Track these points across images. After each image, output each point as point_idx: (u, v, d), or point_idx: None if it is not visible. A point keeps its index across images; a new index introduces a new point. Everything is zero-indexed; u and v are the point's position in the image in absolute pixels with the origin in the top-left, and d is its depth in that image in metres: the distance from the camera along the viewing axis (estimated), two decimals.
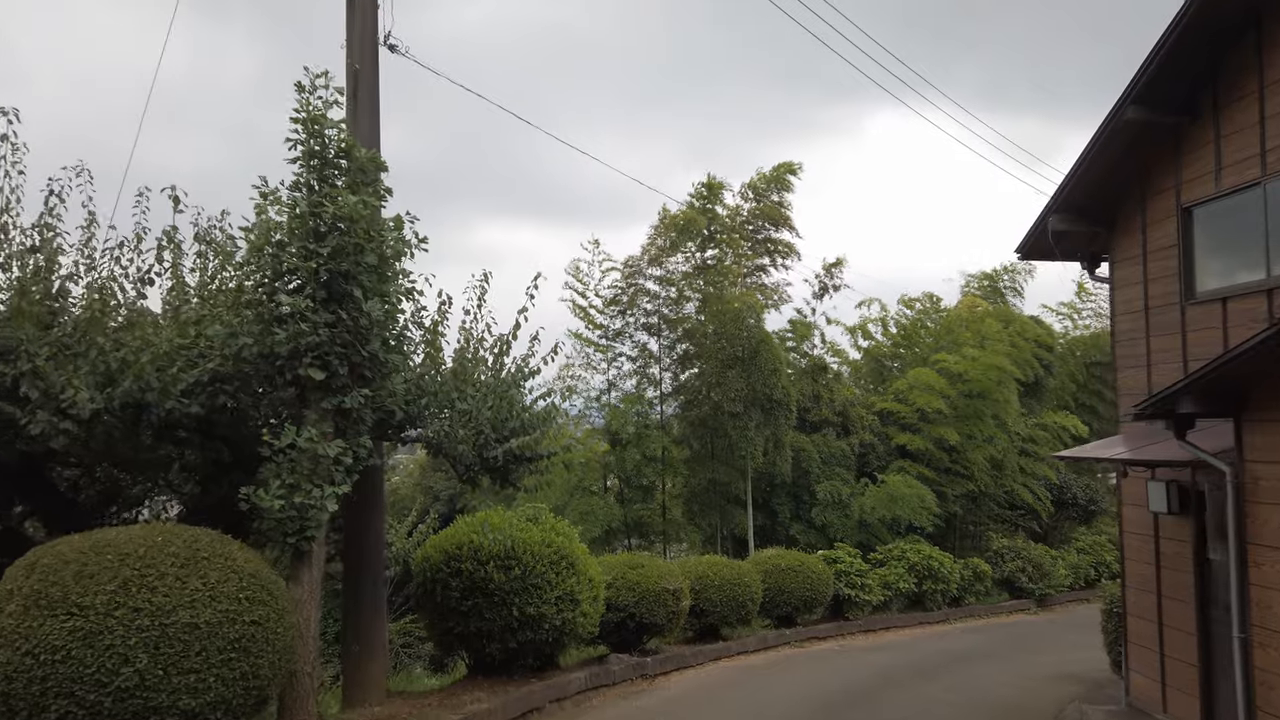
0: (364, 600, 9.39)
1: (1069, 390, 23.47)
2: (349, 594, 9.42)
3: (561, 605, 10.25)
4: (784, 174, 19.51)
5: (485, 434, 8.41)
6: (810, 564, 15.25)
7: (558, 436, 9.44)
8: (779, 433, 17.58)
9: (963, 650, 14.72)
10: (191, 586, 5.81)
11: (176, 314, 7.72)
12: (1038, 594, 19.05)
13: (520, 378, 8.80)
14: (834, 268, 19.47)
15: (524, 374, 8.86)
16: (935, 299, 22.03)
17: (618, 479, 18.61)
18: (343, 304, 6.95)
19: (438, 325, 8.38)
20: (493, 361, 8.75)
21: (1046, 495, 20.81)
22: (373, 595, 9.45)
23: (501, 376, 8.76)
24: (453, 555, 10.22)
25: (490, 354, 8.74)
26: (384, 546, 9.61)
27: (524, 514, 10.94)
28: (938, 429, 19.02)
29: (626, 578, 12.34)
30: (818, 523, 18.53)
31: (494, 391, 8.53)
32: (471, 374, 8.60)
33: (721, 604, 13.64)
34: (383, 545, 9.61)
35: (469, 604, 10.06)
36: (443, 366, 8.47)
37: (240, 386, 7.34)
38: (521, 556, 10.10)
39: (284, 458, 6.90)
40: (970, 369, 19.10)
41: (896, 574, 16.72)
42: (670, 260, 18.28)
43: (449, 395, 8.24)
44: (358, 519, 9.40)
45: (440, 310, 8.41)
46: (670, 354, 18.74)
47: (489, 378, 8.69)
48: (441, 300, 8.41)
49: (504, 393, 8.59)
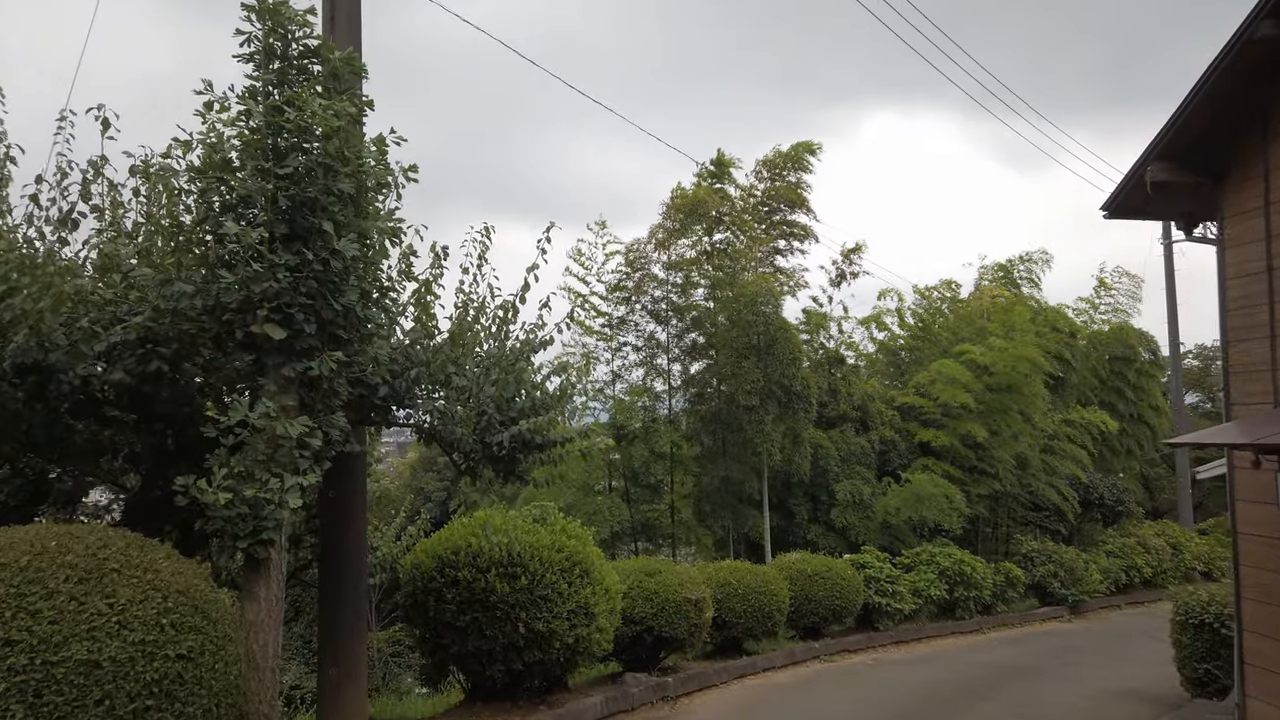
0: (343, 615, 7.72)
1: (1091, 386, 21.96)
2: (326, 607, 7.74)
3: (575, 620, 8.60)
4: (802, 153, 17.90)
5: (489, 415, 6.75)
6: (838, 569, 13.62)
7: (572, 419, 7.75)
8: (798, 427, 15.95)
9: (1007, 664, 13.12)
10: (92, 610, 4.14)
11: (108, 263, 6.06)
12: (1071, 600, 17.48)
13: (529, 349, 7.15)
14: (853, 253, 17.90)
15: (533, 345, 7.21)
16: (954, 286, 20.49)
17: (624, 477, 16.95)
18: (309, 242, 5.30)
19: (430, 284, 6.71)
20: (496, 330, 7.10)
21: (1073, 495, 19.26)
22: (354, 609, 7.77)
23: (507, 347, 7.11)
24: (448, 562, 8.56)
25: (494, 321, 7.08)
26: (367, 552, 7.94)
27: (530, 514, 9.29)
28: (964, 424, 17.44)
29: (643, 586, 10.70)
30: (837, 525, 16.90)
31: (498, 364, 6.88)
32: (471, 344, 6.95)
33: (746, 615, 11.99)
34: (365, 550, 7.94)
35: (467, 619, 8.40)
36: (437, 335, 6.80)
37: (180, 351, 5.67)
38: (528, 563, 8.45)
39: (233, 439, 5.26)
40: (998, 361, 17.54)
41: (927, 580, 15.11)
42: (678, 244, 16.65)
43: (444, 368, 6.58)
44: (336, 520, 7.74)
45: (434, 265, 6.75)
46: (679, 344, 17.10)
47: (492, 348, 7.04)
48: (435, 253, 6.74)
49: (510, 366, 6.94)
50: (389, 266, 6.03)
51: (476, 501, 7.38)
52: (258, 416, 5.23)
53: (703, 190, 16.22)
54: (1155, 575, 19.71)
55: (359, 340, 5.71)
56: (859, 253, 17.90)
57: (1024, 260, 22.10)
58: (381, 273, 5.89)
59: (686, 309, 16.73)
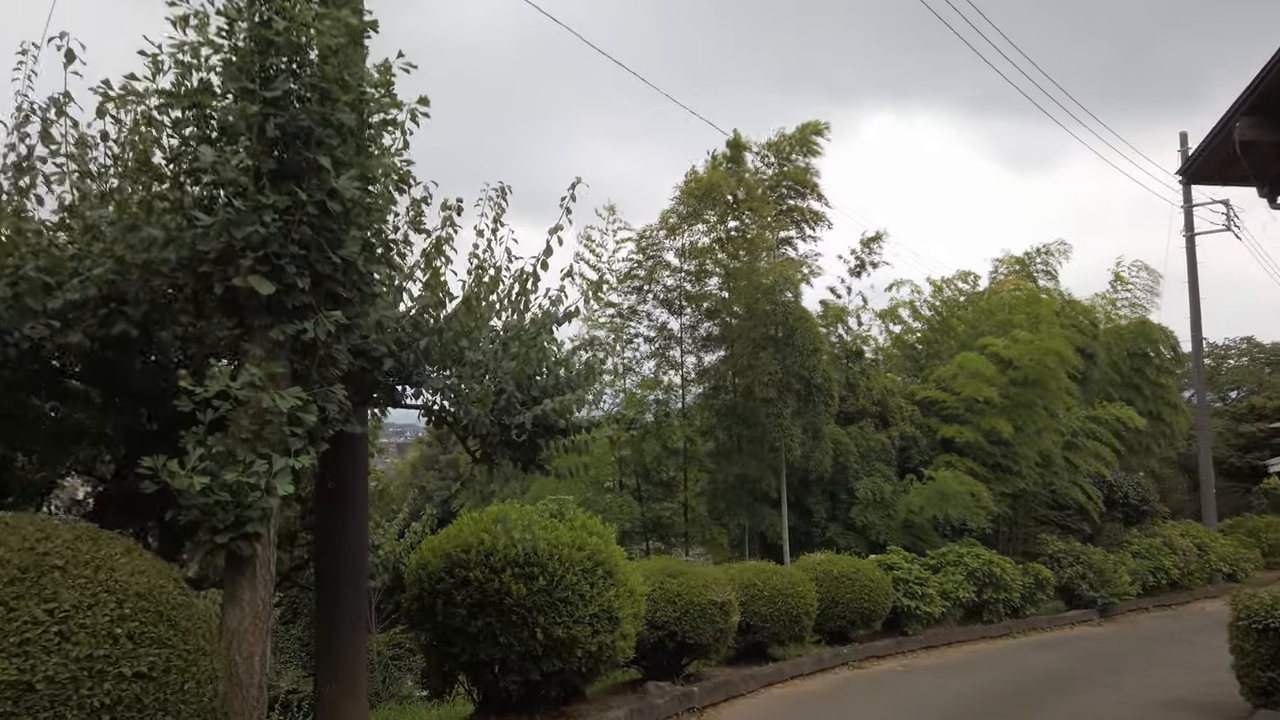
0: (342, 621, 6.82)
1: (1112, 382, 21.11)
2: (324, 613, 6.85)
3: (598, 625, 7.70)
4: (809, 134, 16.91)
5: (508, 393, 5.87)
6: (866, 571, 12.74)
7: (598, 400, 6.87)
8: (818, 422, 15.07)
9: (1045, 671, 12.24)
10: (25, 618, 3.24)
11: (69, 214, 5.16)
12: (1100, 603, 16.60)
13: (552, 321, 6.27)
14: (873, 242, 17.01)
15: (556, 317, 6.33)
16: (973, 278, 19.63)
17: (634, 474, 16.06)
18: (302, 180, 4.42)
19: (442, 244, 5.82)
20: (515, 298, 6.21)
21: (1098, 494, 18.39)
22: (354, 614, 6.88)
23: (528, 319, 6.23)
24: (457, 561, 7.66)
25: (512, 289, 6.19)
26: (369, 550, 7.06)
27: (547, 508, 8.40)
28: (988, 420, 16.57)
29: (665, 588, 9.80)
30: (858, 523, 16.01)
31: (518, 337, 6.00)
32: (487, 314, 6.06)
33: (772, 618, 11.10)
34: (367, 548, 7.05)
35: (479, 624, 7.49)
36: (449, 304, 5.92)
37: (152, 315, 4.79)
38: (547, 563, 7.55)
39: (212, 413, 4.38)
40: (1023, 354, 16.67)
41: (955, 582, 14.23)
42: (692, 230, 15.78)
43: (457, 340, 5.69)
44: (334, 513, 6.84)
45: (445, 225, 5.86)
46: (692, 334, 16.23)
47: (511, 319, 6.16)
48: (447, 210, 5.84)
49: (531, 339, 6.06)
50: (396, 217, 5.13)
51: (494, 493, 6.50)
52: (240, 386, 4.34)
53: (717, 174, 15.33)
54: (1183, 577, 18.85)
55: (360, 301, 4.82)
56: (879, 241, 17.03)
57: (1041, 252, 21.26)
58: (387, 222, 5.00)
59: (701, 298, 15.86)
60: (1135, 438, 20.79)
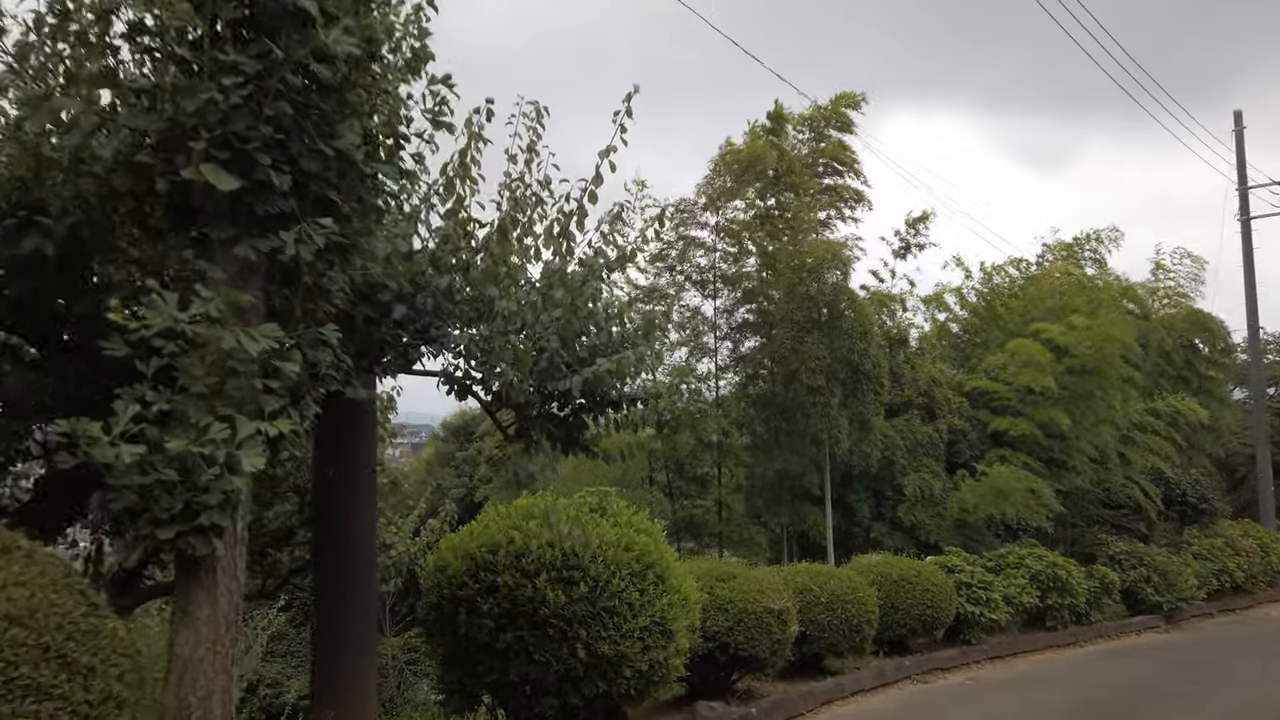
0: (345, 635, 5.50)
1: (1164, 374, 19.61)
2: (324, 625, 5.53)
3: (649, 640, 6.36)
4: (842, 107, 15.43)
5: (550, 352, 4.54)
6: (928, 574, 11.34)
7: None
8: (866, 412, 13.68)
9: (1126, 684, 10.82)
10: None
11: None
12: (1166, 608, 15.14)
13: (604, 267, 4.96)
14: (919, 222, 15.62)
15: (609, 261, 5.01)
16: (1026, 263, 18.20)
17: (665, 469, 14.72)
18: (278, 35, 3.13)
19: (468, 154, 4.48)
20: (559, 236, 4.89)
21: (1156, 492, 16.92)
22: (359, 627, 5.55)
23: (574, 262, 4.91)
24: (483, 563, 6.34)
25: (556, 224, 4.85)
26: (376, 550, 5.75)
27: (585, 502, 7.09)
28: (1043, 411, 15.13)
29: (715, 593, 8.45)
30: (905, 523, 14.60)
31: (563, 283, 4.69)
32: (524, 254, 4.74)
33: (830, 627, 9.73)
34: (375, 548, 5.74)
35: (508, 637, 6.17)
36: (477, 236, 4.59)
37: (80, 230, 3.50)
38: (589, 566, 6.22)
39: (157, 360, 3.09)
40: (1081, 340, 15.23)
41: (1018, 586, 12.81)
42: (730, 206, 14.44)
43: (486, 281, 4.38)
44: (336, 506, 5.54)
45: (471, 136, 4.53)
46: (728, 319, 14.87)
47: (554, 262, 4.84)
48: (474, 116, 4.50)
49: (579, 287, 4.74)
50: (410, 106, 3.79)
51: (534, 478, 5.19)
52: (191, 319, 3.03)
53: (759, 144, 13.96)
54: (1246, 580, 17.37)
55: (362, 216, 3.50)
56: (925, 222, 15.63)
57: (1091, 239, 19.79)
58: (400, 108, 3.67)
59: (737, 279, 14.51)
60: (1189, 433, 19.31)
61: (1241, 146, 20.48)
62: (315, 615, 5.58)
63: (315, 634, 5.57)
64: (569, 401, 4.83)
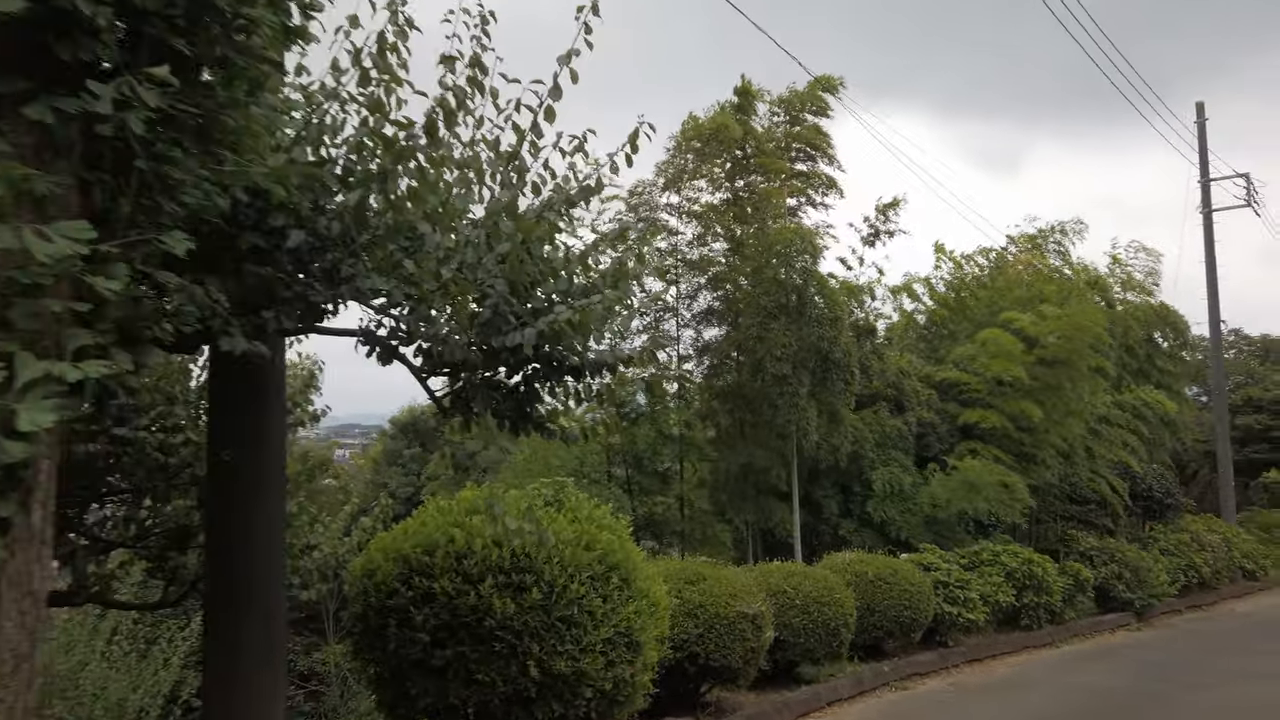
0: (240, 657, 4.44)
1: (1127, 367, 19.20)
2: (213, 645, 4.47)
3: (613, 654, 5.39)
4: (818, 91, 14.72)
5: (496, 298, 3.56)
6: (905, 572, 10.55)
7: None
8: (835, 403, 12.87)
9: (1108, 688, 10.13)
10: None
11: None
12: (1138, 605, 14.61)
13: (568, 199, 3.99)
14: (890, 208, 14.85)
15: (569, 196, 4.03)
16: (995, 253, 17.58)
17: (625, 464, 13.76)
18: None
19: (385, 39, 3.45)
20: (508, 165, 3.90)
21: (1124, 486, 16.43)
22: (262, 639, 4.48)
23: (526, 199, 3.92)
24: (418, 566, 5.32)
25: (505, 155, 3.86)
26: (284, 551, 4.69)
27: (540, 494, 6.10)
28: (1014, 403, 14.51)
29: (684, 597, 7.54)
30: (875, 519, 13.83)
31: (511, 217, 3.71)
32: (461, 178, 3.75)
33: (806, 632, 8.88)
34: (281, 549, 4.68)
35: (447, 654, 5.16)
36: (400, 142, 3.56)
37: None
38: (542, 568, 5.24)
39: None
40: (1052, 330, 14.65)
41: (994, 584, 12.11)
42: (693, 185, 13.54)
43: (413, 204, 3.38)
44: (232, 496, 4.48)
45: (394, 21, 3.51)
46: (690, 306, 13.96)
47: (504, 196, 3.84)
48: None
49: (532, 225, 3.76)
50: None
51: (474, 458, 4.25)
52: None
53: (724, 116, 13.08)
54: (1213, 576, 16.97)
55: (225, 82, 2.49)
56: (896, 208, 14.89)
57: (1055, 230, 19.30)
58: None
59: (702, 264, 13.61)
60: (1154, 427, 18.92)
61: (1204, 139, 20.21)
62: (206, 620, 4.52)
63: (207, 643, 4.51)
64: (520, 365, 3.85)
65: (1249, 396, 26.92)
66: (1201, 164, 20.34)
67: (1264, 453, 26.24)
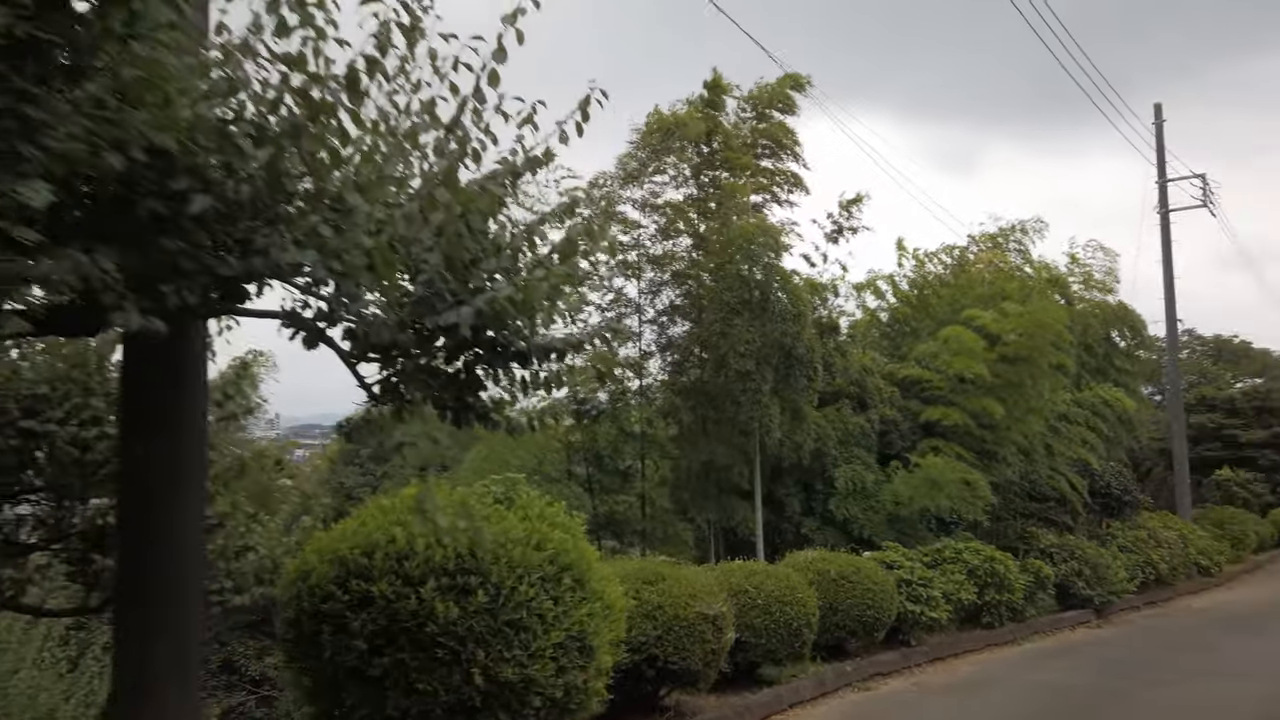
0: (153, 669, 4.07)
1: (1086, 366, 19.28)
2: (123, 654, 4.10)
3: (564, 659, 5.08)
4: (786, 88, 14.56)
5: (429, 274, 3.24)
6: (868, 571, 10.36)
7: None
8: (799, 400, 12.68)
9: (1069, 686, 10.03)
10: None
11: None
12: (1097, 602, 14.61)
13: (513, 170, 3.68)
14: (853, 204, 14.68)
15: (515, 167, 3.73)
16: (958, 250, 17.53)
17: (585, 462, 13.46)
18: None
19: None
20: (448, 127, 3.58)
21: (1083, 484, 16.46)
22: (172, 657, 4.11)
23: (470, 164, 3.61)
24: (355, 568, 4.96)
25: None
26: (204, 553, 4.32)
27: (490, 491, 5.77)
28: (976, 401, 14.43)
29: (642, 597, 7.25)
30: (837, 517, 13.66)
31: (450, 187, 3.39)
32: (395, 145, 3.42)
33: (768, 632, 8.64)
34: (201, 550, 4.31)
35: (385, 661, 4.82)
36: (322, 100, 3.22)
37: None
38: (489, 569, 4.92)
39: None
40: (1014, 327, 14.60)
41: (956, 582, 11.99)
42: (655, 180, 13.27)
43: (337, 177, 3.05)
44: (145, 501, 4.10)
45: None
46: (653, 301, 13.68)
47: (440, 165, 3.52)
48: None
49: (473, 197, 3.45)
50: None
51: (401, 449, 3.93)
52: None
53: (689, 112, 12.83)
54: (1169, 572, 17.07)
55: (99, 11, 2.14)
56: (859, 204, 14.72)
57: (1016, 229, 19.33)
58: None
59: (666, 260, 13.35)
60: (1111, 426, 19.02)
61: (1161, 139, 20.41)
62: (114, 623, 4.15)
63: (115, 649, 4.13)
64: (459, 350, 3.53)
65: (1202, 395, 27.31)
66: (1159, 164, 20.55)
67: (1216, 450, 26.63)
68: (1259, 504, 25.95)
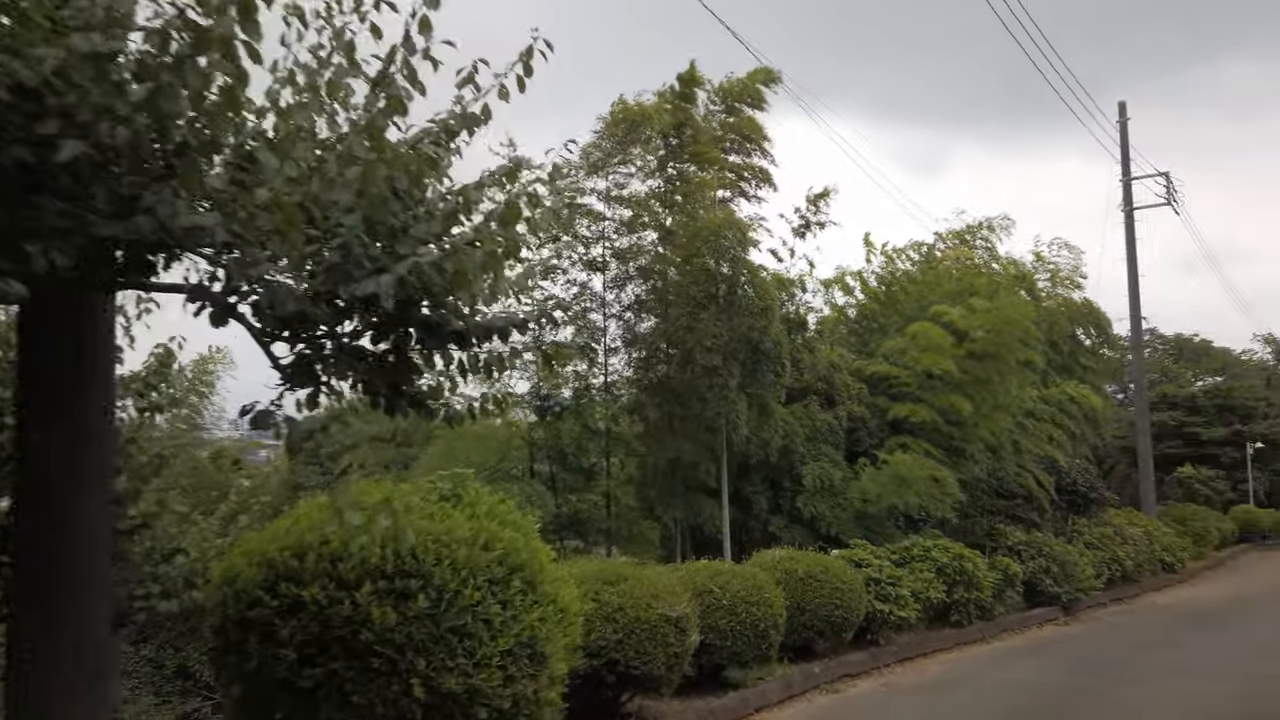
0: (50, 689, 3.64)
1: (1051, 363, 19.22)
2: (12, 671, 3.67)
3: (514, 667, 4.70)
4: (757, 83, 14.28)
5: (345, 237, 2.86)
6: (836, 569, 10.09)
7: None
8: (766, 395, 12.39)
9: (1038, 684, 9.85)
10: None
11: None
12: (1065, 599, 14.49)
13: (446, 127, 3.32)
14: (821, 199, 14.43)
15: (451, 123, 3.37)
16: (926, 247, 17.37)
17: (548, 459, 13.05)
18: None
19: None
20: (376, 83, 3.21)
21: (1050, 480, 16.37)
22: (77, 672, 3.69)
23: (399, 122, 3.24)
24: (285, 571, 4.55)
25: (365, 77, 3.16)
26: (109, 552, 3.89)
27: (435, 487, 5.38)
28: (945, 397, 14.26)
29: (602, 599, 6.90)
30: (805, 515, 13.38)
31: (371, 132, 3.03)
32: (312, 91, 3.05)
33: (734, 634, 8.32)
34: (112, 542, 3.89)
35: (317, 672, 4.41)
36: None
37: None
38: (431, 571, 4.54)
39: None
40: (982, 323, 14.46)
41: (925, 580, 11.77)
42: (620, 171, 12.91)
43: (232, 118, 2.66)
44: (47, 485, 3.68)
45: None
46: (618, 295, 13.32)
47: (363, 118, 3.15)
48: None
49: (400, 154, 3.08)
50: None
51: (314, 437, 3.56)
52: None
53: (658, 104, 12.48)
54: (1135, 569, 17.04)
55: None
56: (826, 198, 14.47)
57: (983, 226, 19.21)
58: None
59: (632, 253, 12.99)
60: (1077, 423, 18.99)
61: (1125, 138, 20.46)
62: (7, 631, 3.72)
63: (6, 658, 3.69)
64: (385, 327, 3.15)
65: (1164, 394, 27.52)
66: (1124, 162, 20.60)
67: (1178, 448, 26.83)
68: (1220, 501, 26.19)
